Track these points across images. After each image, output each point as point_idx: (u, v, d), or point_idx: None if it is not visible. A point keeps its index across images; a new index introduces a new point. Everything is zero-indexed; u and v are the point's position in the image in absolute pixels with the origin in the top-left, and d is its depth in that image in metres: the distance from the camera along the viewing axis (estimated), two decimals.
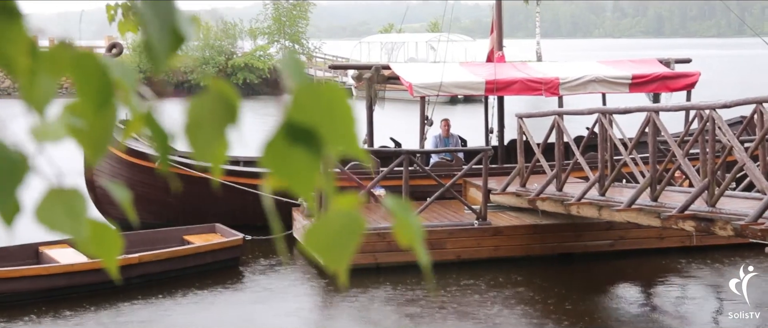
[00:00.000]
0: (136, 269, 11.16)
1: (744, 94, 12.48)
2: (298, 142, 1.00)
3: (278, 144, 1.01)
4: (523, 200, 12.51)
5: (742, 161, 8.89)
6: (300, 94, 1.00)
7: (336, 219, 1.04)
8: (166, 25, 1.02)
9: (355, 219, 1.05)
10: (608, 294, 11.37)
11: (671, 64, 15.46)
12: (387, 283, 11.40)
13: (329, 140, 1.00)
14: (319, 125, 1.00)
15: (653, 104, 13.29)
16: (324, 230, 1.04)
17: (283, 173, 1.01)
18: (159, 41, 1.02)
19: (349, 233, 1.05)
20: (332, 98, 1.00)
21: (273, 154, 1.01)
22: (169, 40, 1.03)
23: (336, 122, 1.00)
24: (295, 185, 1.02)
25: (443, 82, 13.98)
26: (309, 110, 0.99)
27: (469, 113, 29.42)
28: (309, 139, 1.00)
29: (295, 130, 1.00)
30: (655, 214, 9.81)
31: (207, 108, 1.03)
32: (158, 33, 1.02)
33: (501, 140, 15.48)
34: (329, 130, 1.00)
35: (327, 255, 1.05)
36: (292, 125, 1.00)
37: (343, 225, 1.05)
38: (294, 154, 1.01)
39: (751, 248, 11.41)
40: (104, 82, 1.03)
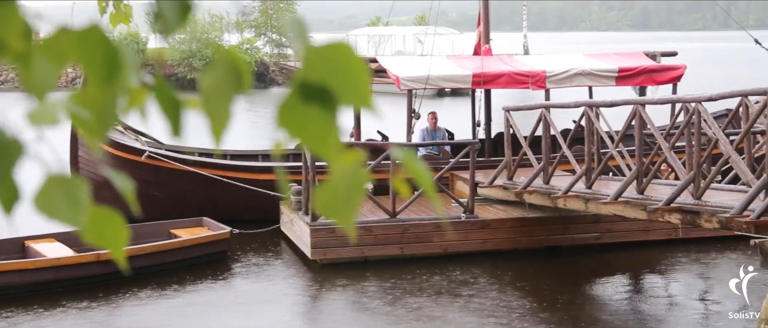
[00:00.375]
0: None
1: (729, 87, 12.54)
2: (312, 101, 1.02)
3: (293, 104, 1.02)
4: (510, 193, 12.54)
5: (727, 154, 8.94)
6: (310, 54, 1.02)
7: (340, 177, 1.07)
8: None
9: (358, 174, 1.07)
10: (595, 287, 11.43)
11: (657, 57, 15.51)
12: (374, 276, 11.41)
13: (342, 95, 1.02)
14: (332, 83, 1.02)
15: (639, 97, 13.34)
16: (330, 189, 1.07)
17: (300, 132, 1.03)
18: (170, 10, 1.04)
19: (354, 189, 1.07)
20: (342, 56, 1.02)
21: (288, 114, 1.03)
22: (179, 9, 1.05)
23: (347, 79, 1.02)
24: (312, 142, 1.04)
25: (430, 75, 13.99)
26: (320, 69, 1.01)
27: (457, 106, 29.44)
28: (322, 96, 1.02)
29: (309, 90, 1.02)
30: (642, 207, 9.85)
31: (219, 76, 1.05)
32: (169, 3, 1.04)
33: (488, 133, 15.50)
34: (341, 87, 1.02)
35: (335, 213, 1.08)
36: (306, 84, 1.02)
37: (347, 182, 1.07)
38: (309, 112, 1.02)
39: (736, 240, 11.48)
40: (111, 53, 1.04)
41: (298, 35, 1.04)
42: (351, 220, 1.08)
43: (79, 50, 1.03)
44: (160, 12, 1.04)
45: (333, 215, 1.08)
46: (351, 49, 1.03)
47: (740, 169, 9.03)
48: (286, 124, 1.03)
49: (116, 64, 1.04)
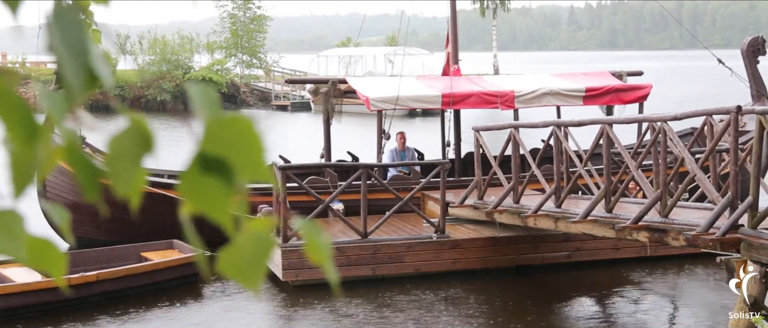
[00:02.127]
0: (93, 287, 11.04)
1: (695, 105, 12.74)
2: (211, 172, 1.06)
3: (193, 174, 1.07)
4: (480, 213, 12.61)
5: (693, 172, 9.08)
6: (211, 126, 1.05)
7: (247, 242, 1.10)
8: (80, 65, 1.06)
9: (265, 240, 1.10)
10: (566, 305, 11.50)
11: (623, 76, 15.72)
12: (346, 297, 11.40)
13: (239, 169, 1.06)
14: (230, 155, 1.05)
15: (606, 117, 13.51)
16: (236, 253, 1.10)
17: (198, 201, 1.08)
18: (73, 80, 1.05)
19: (260, 255, 1.10)
20: (241, 129, 1.05)
21: (188, 183, 1.07)
22: (84, 79, 1.06)
23: (245, 152, 1.06)
24: (210, 211, 1.08)
25: (400, 96, 14.07)
26: (219, 142, 1.05)
27: (428, 126, 29.56)
28: (221, 168, 1.06)
29: (208, 161, 1.06)
30: (610, 225, 9.96)
31: (126, 142, 1.09)
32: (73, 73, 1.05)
33: (458, 153, 15.59)
34: (239, 159, 1.06)
35: (240, 277, 1.11)
36: (205, 156, 1.06)
37: (253, 247, 1.10)
38: (207, 182, 1.06)
39: (704, 257, 11.63)
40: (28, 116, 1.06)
41: (205, 104, 1.06)
42: (257, 284, 1.11)
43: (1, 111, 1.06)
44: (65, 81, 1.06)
45: (238, 278, 1.11)
46: (251, 123, 1.07)
47: (706, 187, 9.16)
48: (187, 194, 1.08)
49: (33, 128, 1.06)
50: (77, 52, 1.06)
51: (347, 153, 15.23)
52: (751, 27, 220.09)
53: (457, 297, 11.44)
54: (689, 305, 11.27)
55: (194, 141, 1.07)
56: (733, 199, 8.52)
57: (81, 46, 1.06)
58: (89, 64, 1.06)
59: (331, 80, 14.81)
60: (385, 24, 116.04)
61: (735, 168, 8.71)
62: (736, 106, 8.68)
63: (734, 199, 8.52)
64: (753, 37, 13.65)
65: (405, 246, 12.34)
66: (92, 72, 1.06)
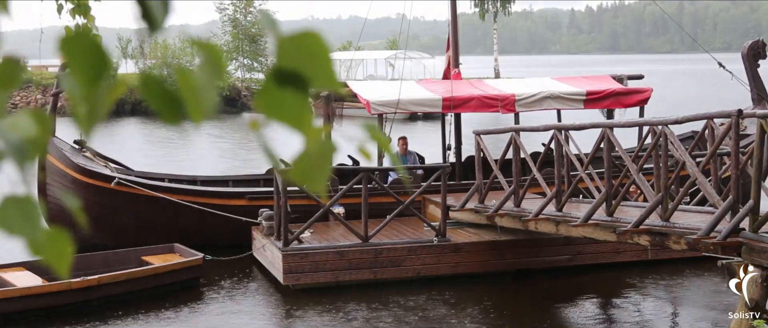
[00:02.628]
0: (95, 291, 11.04)
1: (696, 109, 12.75)
2: (287, 85, 1.15)
3: (270, 89, 1.15)
4: (481, 217, 12.61)
5: (694, 176, 9.08)
6: (283, 44, 1.15)
7: (313, 148, 1.19)
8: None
9: (327, 144, 1.20)
10: (567, 309, 11.50)
11: (624, 80, 15.73)
12: (348, 301, 11.40)
13: (313, 79, 1.16)
14: (303, 67, 1.15)
15: (607, 120, 13.51)
16: (304, 159, 1.20)
17: (277, 113, 1.16)
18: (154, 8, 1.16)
19: (325, 159, 1.20)
20: (312, 44, 1.15)
21: (266, 98, 1.15)
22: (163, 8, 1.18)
23: (317, 63, 1.15)
24: (289, 121, 1.17)
25: (400, 99, 14.08)
26: (293, 56, 1.15)
27: (429, 130, 29.57)
28: (296, 80, 1.15)
29: (283, 75, 1.15)
30: (611, 229, 9.95)
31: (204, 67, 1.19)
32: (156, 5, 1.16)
33: (458, 157, 15.59)
34: (312, 70, 1.15)
35: (309, 180, 1.20)
36: (280, 71, 1.15)
37: (319, 152, 1.20)
38: (284, 95, 1.15)
39: (705, 260, 11.62)
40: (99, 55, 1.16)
41: (270, 27, 1.16)
42: (323, 185, 1.21)
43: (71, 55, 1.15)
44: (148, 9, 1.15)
45: (307, 182, 1.20)
46: (320, 37, 1.16)
47: (707, 191, 9.16)
48: (264, 108, 1.16)
49: (104, 64, 1.16)
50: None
51: (348, 157, 15.23)
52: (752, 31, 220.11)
53: (458, 301, 11.44)
54: (690, 308, 11.26)
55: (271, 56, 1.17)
56: (734, 202, 8.52)
57: None
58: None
59: None
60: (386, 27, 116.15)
61: (736, 172, 8.71)
62: (737, 109, 8.68)
63: (735, 202, 8.52)
64: (754, 41, 13.65)
65: (406, 250, 12.33)
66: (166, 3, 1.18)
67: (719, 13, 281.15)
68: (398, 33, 18.18)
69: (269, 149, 1.20)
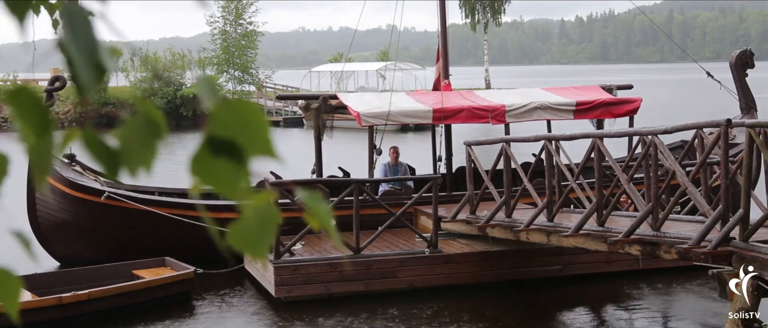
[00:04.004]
0: (86, 305, 10.98)
1: (685, 118, 12.79)
2: (221, 153, 1.13)
3: (203, 156, 1.14)
4: (473, 228, 12.61)
5: (684, 185, 9.10)
6: (218, 111, 1.13)
7: (253, 215, 1.18)
8: (89, 60, 1.13)
9: (270, 212, 1.18)
10: (559, 319, 11.49)
11: (613, 90, 15.79)
12: (340, 313, 11.38)
13: (248, 147, 1.14)
14: (237, 136, 1.13)
15: (597, 131, 13.54)
16: (243, 226, 1.18)
17: (210, 180, 1.15)
18: (84, 75, 1.12)
19: (266, 226, 1.18)
20: (246, 112, 1.13)
21: (199, 164, 1.14)
22: (93, 73, 1.14)
23: (252, 132, 1.13)
24: (222, 189, 1.15)
25: (391, 111, 14.09)
26: (227, 124, 1.13)
27: (420, 141, 29.59)
28: (230, 149, 1.13)
29: (217, 143, 1.13)
30: (602, 239, 9.97)
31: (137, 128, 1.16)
32: (83, 67, 1.12)
33: (449, 168, 15.60)
34: (247, 139, 1.14)
35: (249, 249, 1.18)
36: (214, 139, 1.13)
37: (260, 220, 1.18)
38: (218, 163, 1.14)
39: (696, 270, 11.65)
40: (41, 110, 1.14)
41: (209, 93, 1.14)
42: (264, 254, 1.19)
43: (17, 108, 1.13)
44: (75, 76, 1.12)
45: (246, 250, 1.17)
46: (256, 106, 1.14)
47: (697, 200, 9.18)
48: (198, 174, 1.15)
49: (46, 120, 1.15)
50: (88, 50, 1.14)
51: (338, 168, 15.23)
52: (740, 40, 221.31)
53: (450, 312, 11.42)
54: (681, 317, 11.27)
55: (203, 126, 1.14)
56: (725, 212, 8.54)
57: (91, 43, 1.14)
58: (99, 59, 1.14)
59: (322, 96, 14.82)
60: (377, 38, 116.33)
61: (726, 181, 8.74)
62: (726, 119, 8.71)
63: (725, 212, 8.54)
64: (741, 50, 13.72)
65: (398, 261, 12.32)
66: (101, 66, 1.14)
67: (708, 23, 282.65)
68: (389, 44, 18.21)
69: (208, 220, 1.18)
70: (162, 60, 49.39)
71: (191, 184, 1.16)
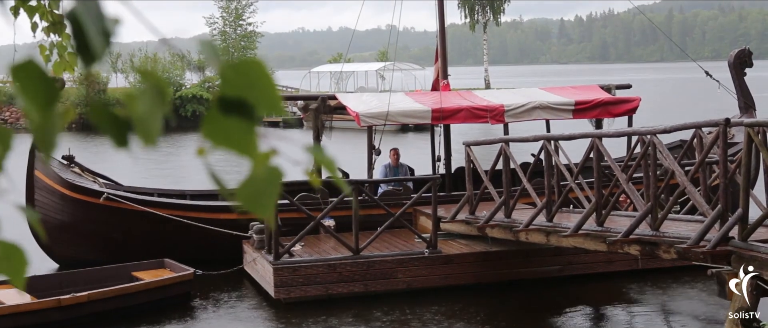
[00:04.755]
0: (85, 307, 10.97)
1: (684, 118, 12.79)
2: (232, 113, 1.15)
3: (215, 116, 1.16)
4: (472, 228, 12.60)
5: (683, 185, 9.09)
6: (226, 72, 1.15)
7: (260, 173, 1.19)
8: (98, 27, 1.16)
9: (274, 170, 1.20)
10: (559, 319, 11.49)
11: (612, 90, 15.78)
12: (339, 314, 11.37)
13: (257, 105, 1.16)
14: (247, 94, 1.15)
15: (596, 130, 13.53)
16: (251, 185, 1.19)
17: (224, 141, 1.16)
18: (94, 40, 1.15)
19: (271, 184, 1.20)
20: (253, 70, 1.15)
21: (212, 126, 1.16)
22: (102, 39, 1.16)
23: (260, 89, 1.15)
24: (236, 148, 1.17)
25: (390, 111, 14.08)
26: (236, 84, 1.15)
27: (420, 141, 29.57)
28: (241, 108, 1.15)
29: (228, 103, 1.15)
30: (602, 239, 9.96)
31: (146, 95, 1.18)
32: (93, 33, 1.15)
33: (448, 168, 15.59)
34: (256, 97, 1.15)
35: (255, 206, 1.19)
36: (224, 99, 1.15)
37: (265, 177, 1.19)
38: (230, 123, 1.16)
39: (696, 269, 11.64)
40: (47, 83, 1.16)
41: (214, 57, 1.16)
42: (270, 211, 1.20)
43: (21, 82, 1.15)
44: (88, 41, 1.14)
45: (253, 208, 1.19)
46: (262, 64, 1.16)
47: (696, 200, 9.18)
48: (210, 136, 1.16)
49: (53, 92, 1.16)
50: (96, 17, 1.17)
51: (337, 169, 15.21)
52: (740, 39, 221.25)
53: (449, 313, 11.41)
54: (681, 317, 11.27)
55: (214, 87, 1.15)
56: (723, 211, 8.53)
57: (98, 12, 1.17)
58: (105, 26, 1.17)
59: (321, 97, 14.82)
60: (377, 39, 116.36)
61: (724, 180, 8.73)
62: (725, 118, 8.70)
63: (724, 211, 8.53)
64: (740, 50, 13.70)
65: (397, 262, 12.31)
66: (108, 33, 1.17)
67: (708, 22, 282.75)
68: (388, 44, 18.20)
69: (217, 176, 1.20)
70: (161, 61, 49.37)
71: (199, 147, 1.18)
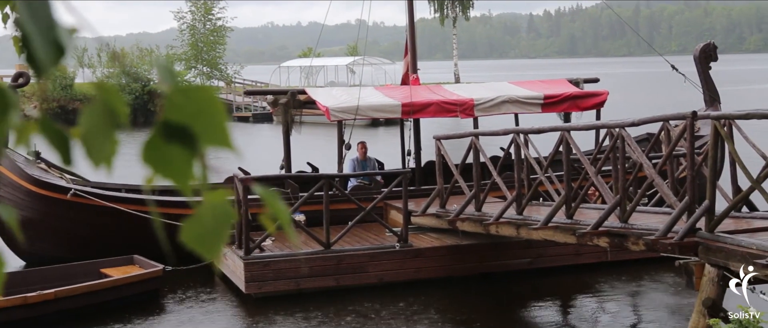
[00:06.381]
0: (52, 305, 10.85)
1: (651, 111, 12.90)
2: (174, 140, 1.08)
3: (156, 142, 1.09)
4: (443, 222, 12.63)
5: (651, 177, 9.17)
6: (173, 95, 1.08)
7: (208, 213, 1.13)
8: (47, 37, 1.08)
9: (225, 211, 1.13)
10: (529, 311, 11.56)
11: (580, 83, 15.89)
12: (309, 309, 11.35)
13: (202, 135, 1.09)
14: (193, 123, 1.08)
15: (566, 123, 13.61)
16: (197, 223, 1.13)
17: (162, 168, 1.10)
18: (41, 51, 1.07)
19: (220, 224, 1.13)
20: (203, 98, 1.09)
21: (151, 151, 1.09)
22: (51, 51, 1.08)
23: (208, 120, 1.09)
24: (173, 178, 1.10)
25: (360, 105, 14.06)
26: (182, 110, 1.08)
27: (391, 136, 29.58)
28: (184, 136, 1.08)
29: (171, 129, 1.08)
30: (571, 231, 10.02)
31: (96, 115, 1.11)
32: (40, 44, 1.07)
33: (418, 162, 15.60)
34: (202, 128, 1.09)
35: (202, 247, 1.13)
36: (168, 124, 1.08)
37: (214, 218, 1.13)
38: (171, 150, 1.09)
39: (664, 261, 11.76)
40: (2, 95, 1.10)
41: (166, 77, 1.10)
42: (217, 253, 1.14)
43: None
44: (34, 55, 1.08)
45: (199, 248, 1.13)
46: (213, 92, 1.10)
47: (664, 192, 9.26)
48: (150, 161, 1.10)
49: (4, 104, 1.10)
50: (45, 26, 1.08)
51: (307, 164, 15.16)
52: (706, 33, 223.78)
53: (420, 306, 11.44)
54: (650, 308, 11.38)
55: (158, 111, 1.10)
56: (691, 203, 8.62)
57: (48, 20, 1.09)
58: (57, 37, 1.09)
59: (291, 91, 14.75)
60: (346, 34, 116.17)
61: (692, 172, 8.82)
62: (692, 111, 8.79)
63: (691, 203, 8.62)
64: (705, 44, 13.83)
65: (368, 256, 12.31)
66: (59, 45, 1.09)
67: (674, 16, 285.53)
68: (358, 39, 18.16)
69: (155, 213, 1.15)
70: (129, 56, 48.90)
71: (144, 177, 1.12)
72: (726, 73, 63.76)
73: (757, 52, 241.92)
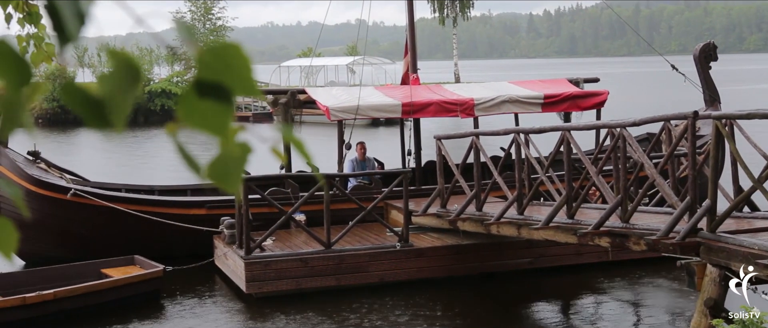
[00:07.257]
0: (52, 305, 10.83)
1: (652, 111, 12.89)
2: (209, 97, 1.17)
3: (190, 99, 1.17)
4: (444, 221, 12.61)
5: (652, 177, 9.16)
6: (204, 56, 1.17)
7: (228, 151, 1.22)
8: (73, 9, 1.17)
9: (244, 147, 1.23)
10: (530, 311, 11.54)
11: (580, 83, 15.88)
12: (311, 308, 11.33)
13: (233, 88, 1.18)
14: (223, 78, 1.17)
15: (566, 123, 13.59)
16: (221, 162, 1.22)
17: (199, 123, 1.19)
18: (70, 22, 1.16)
19: (240, 160, 1.23)
20: (232, 55, 1.17)
21: (187, 108, 1.18)
22: (77, 21, 1.17)
23: (237, 74, 1.17)
24: (211, 130, 1.19)
25: (360, 105, 14.04)
26: (213, 68, 1.17)
27: (391, 135, 29.57)
28: (218, 92, 1.17)
29: (204, 86, 1.17)
30: (572, 231, 10.00)
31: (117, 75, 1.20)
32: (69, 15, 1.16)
33: (418, 162, 15.59)
34: (232, 81, 1.18)
35: (224, 182, 1.22)
36: (201, 83, 1.17)
37: (234, 154, 1.22)
38: (205, 105, 1.18)
39: (665, 261, 11.74)
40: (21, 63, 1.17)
41: (189, 38, 1.19)
42: (238, 187, 1.24)
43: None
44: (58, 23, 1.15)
45: (222, 184, 1.22)
46: (240, 48, 1.18)
47: (665, 192, 9.25)
48: (186, 118, 1.18)
49: (25, 71, 1.17)
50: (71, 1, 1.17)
51: (307, 164, 15.15)
52: (706, 33, 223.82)
53: (421, 306, 11.42)
54: (651, 308, 11.37)
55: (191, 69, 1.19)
56: (692, 203, 8.61)
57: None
58: (80, 8, 1.18)
59: (290, 91, 14.74)
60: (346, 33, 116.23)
61: (693, 172, 8.80)
62: (693, 111, 8.78)
63: (693, 203, 8.61)
64: (705, 43, 13.83)
65: (369, 256, 12.29)
66: (82, 15, 1.17)
67: (674, 17, 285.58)
68: (358, 39, 18.14)
69: (186, 152, 1.20)
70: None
71: (169, 125, 1.20)
72: (726, 73, 63.76)
73: (756, 52, 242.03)
